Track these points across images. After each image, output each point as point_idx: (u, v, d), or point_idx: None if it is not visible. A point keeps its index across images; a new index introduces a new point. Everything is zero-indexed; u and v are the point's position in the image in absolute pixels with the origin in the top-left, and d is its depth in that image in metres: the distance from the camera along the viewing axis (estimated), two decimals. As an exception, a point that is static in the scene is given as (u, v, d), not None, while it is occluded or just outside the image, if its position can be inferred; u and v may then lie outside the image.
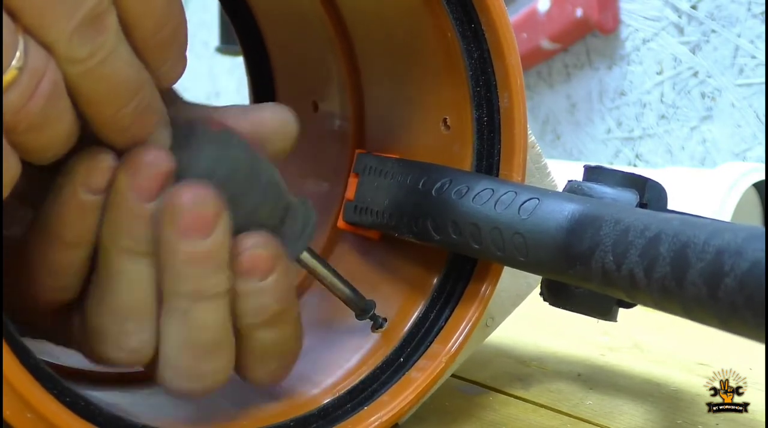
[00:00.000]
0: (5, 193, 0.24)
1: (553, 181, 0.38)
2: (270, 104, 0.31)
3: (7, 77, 0.23)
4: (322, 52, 0.42)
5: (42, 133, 0.25)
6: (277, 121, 0.31)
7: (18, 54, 0.23)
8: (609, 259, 0.26)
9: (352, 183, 0.38)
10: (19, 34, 0.23)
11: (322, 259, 0.33)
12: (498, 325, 0.39)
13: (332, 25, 0.40)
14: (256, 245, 0.28)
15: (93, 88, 0.25)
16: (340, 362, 0.35)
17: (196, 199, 0.26)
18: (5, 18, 0.23)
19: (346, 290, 0.34)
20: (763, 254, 0.21)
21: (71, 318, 0.29)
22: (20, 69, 0.23)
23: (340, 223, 0.38)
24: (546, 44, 0.87)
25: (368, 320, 0.35)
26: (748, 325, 0.22)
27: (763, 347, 0.22)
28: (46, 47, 0.24)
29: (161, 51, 0.27)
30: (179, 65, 0.28)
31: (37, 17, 0.23)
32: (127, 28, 0.25)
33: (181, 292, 0.27)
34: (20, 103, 0.24)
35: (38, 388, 0.25)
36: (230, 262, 0.27)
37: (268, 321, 0.29)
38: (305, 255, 0.32)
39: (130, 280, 0.27)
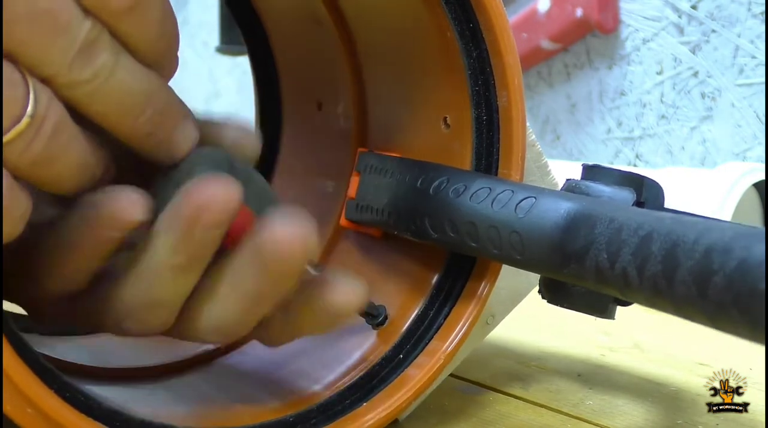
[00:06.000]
0: (19, 228, 0.24)
1: (554, 179, 0.38)
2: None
3: (20, 127, 0.23)
4: (327, 52, 0.42)
5: (50, 167, 0.25)
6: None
7: (31, 102, 0.24)
8: (603, 258, 0.26)
9: (354, 181, 0.38)
10: (29, 81, 0.24)
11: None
12: (498, 323, 0.39)
13: (335, 25, 0.40)
14: None
15: (104, 103, 0.26)
16: (340, 358, 0.35)
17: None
18: (13, 68, 0.23)
19: None
20: (749, 252, 0.21)
21: (83, 299, 0.29)
22: (32, 116, 0.24)
23: (343, 221, 0.39)
24: (546, 44, 0.87)
25: (369, 317, 0.35)
26: (735, 323, 0.22)
27: (762, 347, 0.22)
28: (46, 80, 0.24)
29: (160, 59, 0.27)
30: (174, 67, 0.28)
31: (38, 56, 0.24)
32: (127, 46, 0.26)
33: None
34: (23, 147, 0.24)
35: (38, 383, 0.26)
36: None
37: None
38: None
39: (176, 285, 0.28)
